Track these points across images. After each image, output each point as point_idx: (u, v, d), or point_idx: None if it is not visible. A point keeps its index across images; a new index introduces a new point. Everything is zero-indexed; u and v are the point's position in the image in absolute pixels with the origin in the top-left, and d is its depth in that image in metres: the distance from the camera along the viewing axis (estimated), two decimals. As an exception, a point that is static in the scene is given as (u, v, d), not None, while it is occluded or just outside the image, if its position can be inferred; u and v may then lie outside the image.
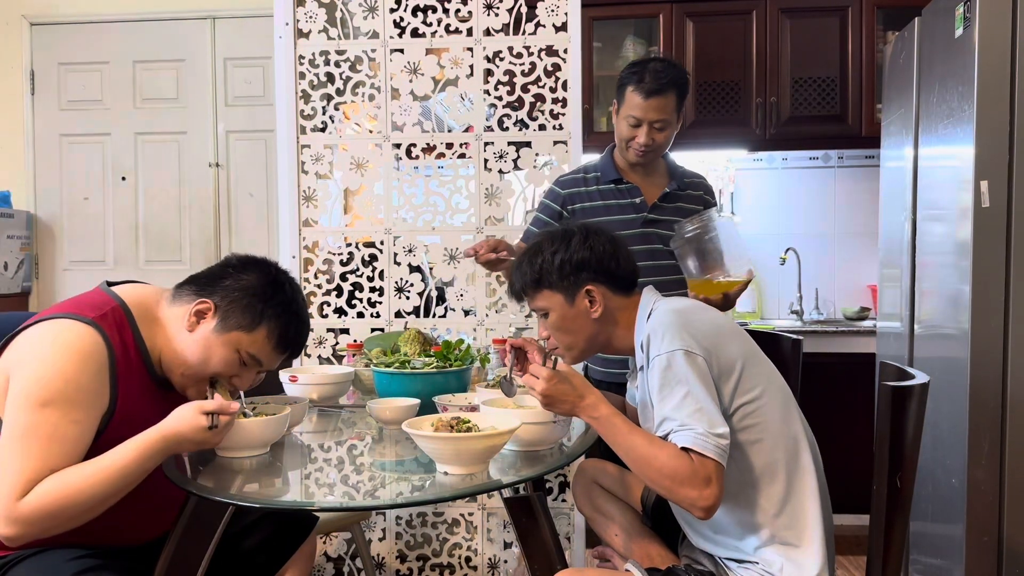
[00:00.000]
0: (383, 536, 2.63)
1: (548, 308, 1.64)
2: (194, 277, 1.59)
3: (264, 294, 1.55)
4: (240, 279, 1.55)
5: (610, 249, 1.62)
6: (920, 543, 2.49)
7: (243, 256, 1.62)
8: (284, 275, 1.61)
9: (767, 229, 3.85)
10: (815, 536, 1.48)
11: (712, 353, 1.47)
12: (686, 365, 1.43)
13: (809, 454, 1.53)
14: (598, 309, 1.61)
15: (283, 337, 1.57)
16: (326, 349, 2.66)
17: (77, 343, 1.41)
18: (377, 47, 2.62)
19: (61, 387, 1.37)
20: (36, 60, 3.94)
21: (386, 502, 1.55)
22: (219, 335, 1.52)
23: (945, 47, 2.30)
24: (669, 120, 2.18)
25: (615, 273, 1.62)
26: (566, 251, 1.61)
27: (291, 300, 1.58)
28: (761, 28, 3.46)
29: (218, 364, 1.53)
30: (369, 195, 2.67)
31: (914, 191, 2.55)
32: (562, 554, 1.61)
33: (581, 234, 1.64)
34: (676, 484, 1.37)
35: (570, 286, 1.60)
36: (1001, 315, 2.10)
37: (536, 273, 1.63)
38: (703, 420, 1.38)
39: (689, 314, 1.54)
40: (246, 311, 1.53)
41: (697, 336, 1.47)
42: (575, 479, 2.05)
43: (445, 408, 1.78)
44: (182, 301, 1.56)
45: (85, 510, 1.36)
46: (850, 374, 3.25)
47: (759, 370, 1.53)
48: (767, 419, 1.50)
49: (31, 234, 3.92)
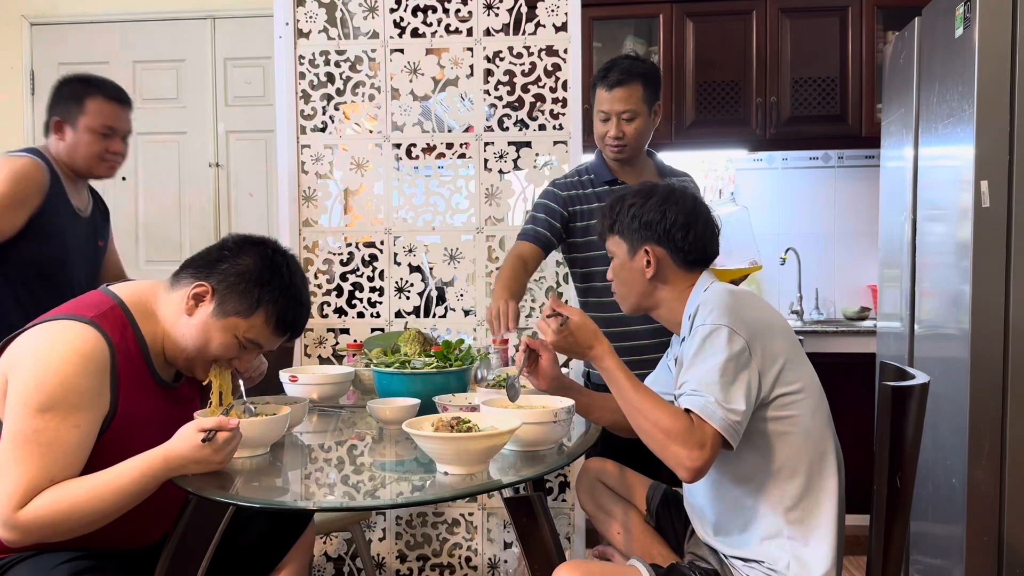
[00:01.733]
0: (383, 536, 2.63)
1: (614, 253, 1.73)
2: (192, 260, 1.58)
3: (261, 278, 1.52)
4: (237, 263, 1.53)
5: (681, 220, 1.65)
6: (920, 543, 2.49)
7: (240, 237, 1.59)
8: (282, 255, 1.58)
9: (767, 229, 3.85)
10: (826, 537, 1.48)
11: (756, 340, 1.48)
12: (726, 342, 1.45)
13: (834, 458, 1.54)
14: (652, 270, 1.66)
15: (281, 321, 1.55)
16: (326, 349, 2.66)
17: (77, 344, 1.40)
18: (377, 47, 2.62)
19: (60, 392, 1.36)
20: (36, 60, 3.93)
21: (386, 502, 1.55)
22: (217, 320, 1.51)
23: (945, 47, 2.30)
24: (636, 110, 2.21)
25: (679, 245, 1.65)
26: (641, 207, 1.67)
27: (289, 283, 1.56)
28: (761, 28, 3.46)
29: (217, 348, 1.53)
30: (369, 195, 2.67)
31: (914, 191, 2.55)
32: (562, 554, 1.61)
33: (661, 196, 1.68)
34: (668, 439, 1.40)
35: (634, 241, 1.67)
36: (1001, 315, 2.10)
37: (612, 218, 1.71)
38: (719, 392, 1.41)
39: (743, 299, 1.56)
40: (243, 296, 1.51)
41: (746, 320, 1.49)
42: (579, 478, 2.05)
43: (445, 408, 1.78)
44: (180, 285, 1.54)
45: (84, 524, 1.36)
46: (850, 374, 3.25)
47: (801, 369, 1.54)
48: (801, 415, 1.51)
49: (31, 234, 3.92)
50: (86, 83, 2.24)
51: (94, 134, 2.20)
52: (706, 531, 1.62)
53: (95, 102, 2.21)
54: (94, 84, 2.24)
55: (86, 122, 2.19)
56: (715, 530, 1.59)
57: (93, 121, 2.20)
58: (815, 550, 1.47)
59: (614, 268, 1.73)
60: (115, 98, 2.25)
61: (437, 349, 2.07)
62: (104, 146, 2.22)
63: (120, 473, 1.37)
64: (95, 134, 2.20)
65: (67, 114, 2.21)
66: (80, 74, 2.29)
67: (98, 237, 2.37)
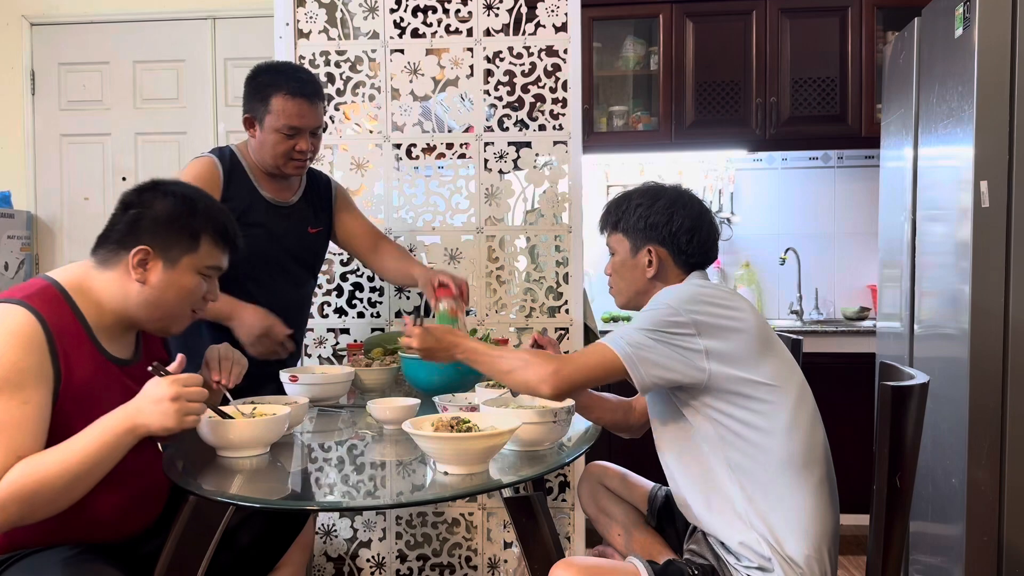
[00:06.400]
0: (383, 536, 2.63)
1: (615, 249, 1.76)
2: (105, 237, 1.56)
3: (183, 210, 1.55)
4: (153, 213, 1.54)
5: (688, 224, 1.69)
6: (920, 543, 2.49)
7: (132, 193, 1.59)
8: (176, 183, 1.62)
9: (767, 229, 3.85)
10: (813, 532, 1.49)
11: (705, 333, 1.51)
12: (665, 316, 1.51)
13: (821, 452, 1.55)
14: (653, 270, 1.69)
15: (224, 235, 1.59)
16: (326, 349, 2.66)
17: (8, 325, 1.39)
18: (377, 47, 2.62)
19: (1, 374, 1.36)
20: (36, 60, 3.94)
21: (386, 502, 1.55)
22: (172, 269, 1.53)
23: (945, 47, 2.30)
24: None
25: (683, 248, 1.69)
26: (648, 208, 1.71)
27: (206, 201, 1.60)
28: (761, 28, 3.46)
29: (188, 294, 1.55)
30: (369, 195, 2.67)
31: (914, 191, 2.55)
32: (562, 554, 1.62)
33: (669, 199, 1.71)
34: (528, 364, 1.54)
35: (638, 240, 1.71)
36: (1001, 315, 2.10)
37: (617, 216, 1.75)
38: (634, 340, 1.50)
39: (706, 295, 1.58)
40: (180, 234, 1.54)
41: (697, 313, 1.52)
42: (581, 480, 2.05)
43: (445, 408, 1.78)
44: (110, 263, 1.53)
45: (58, 494, 1.35)
46: (850, 374, 3.25)
47: (775, 366, 1.55)
48: (778, 411, 1.52)
49: (31, 234, 3.92)
50: (273, 75, 2.11)
51: (279, 134, 2.09)
52: (691, 517, 1.64)
53: (279, 99, 2.07)
54: (280, 78, 2.10)
55: (271, 121, 2.08)
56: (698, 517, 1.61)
57: (277, 121, 2.08)
58: (796, 546, 1.48)
59: (614, 264, 1.76)
60: (301, 94, 2.09)
61: None
62: (290, 145, 2.10)
63: (84, 437, 1.38)
64: (280, 134, 2.09)
65: (255, 111, 2.12)
66: (270, 64, 2.16)
67: (307, 224, 2.27)
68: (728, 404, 1.52)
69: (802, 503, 1.50)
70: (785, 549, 1.48)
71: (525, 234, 2.65)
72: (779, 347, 1.61)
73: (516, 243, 2.70)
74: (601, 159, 3.84)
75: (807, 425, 1.55)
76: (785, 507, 1.50)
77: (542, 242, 2.62)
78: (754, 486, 1.51)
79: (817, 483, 1.53)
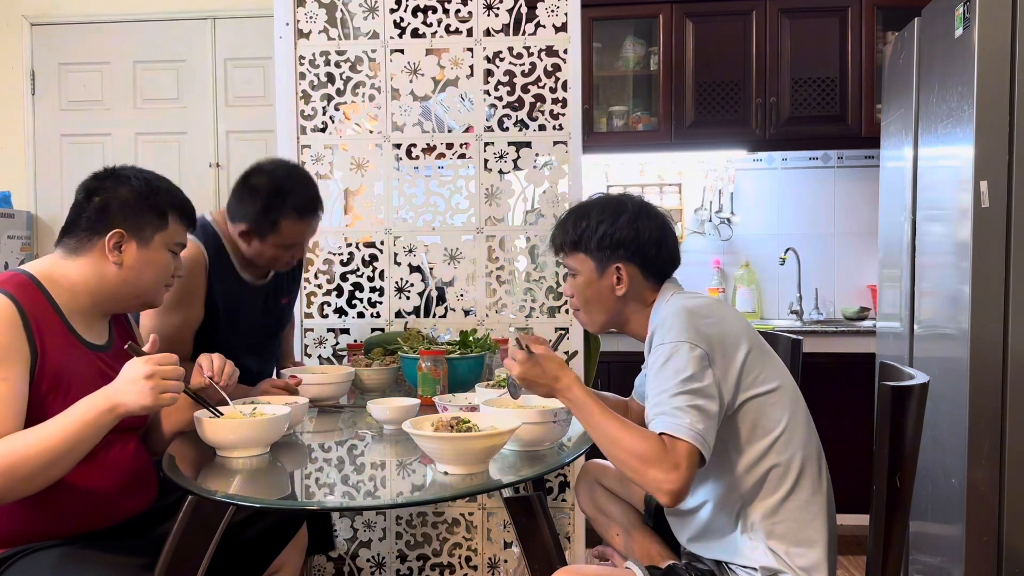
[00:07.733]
0: (383, 536, 2.63)
1: (578, 270, 1.67)
2: (71, 226, 1.59)
3: (147, 191, 1.61)
4: (119, 196, 1.58)
5: (655, 236, 1.62)
6: (920, 543, 2.49)
7: (92, 181, 1.62)
8: (131, 168, 1.66)
9: (767, 229, 3.85)
10: (818, 540, 1.48)
11: (716, 351, 1.47)
12: (687, 358, 1.43)
13: (815, 457, 1.54)
14: (623, 288, 1.62)
15: (184, 210, 1.67)
16: (326, 349, 2.66)
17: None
18: (377, 47, 2.62)
19: None
20: (36, 60, 3.93)
21: (386, 502, 1.55)
22: (146, 248, 1.59)
23: (945, 47, 2.30)
24: None
25: (652, 259, 1.63)
26: (611, 224, 1.62)
27: (165, 181, 1.67)
28: (761, 28, 3.46)
29: (163, 269, 1.62)
30: (369, 195, 2.67)
31: (914, 191, 2.55)
32: (562, 554, 1.61)
33: (632, 213, 1.63)
34: (644, 464, 1.36)
35: (603, 258, 1.62)
36: (1001, 315, 2.10)
37: (577, 235, 1.65)
38: (686, 408, 1.39)
39: (700, 312, 1.53)
40: (149, 214, 1.60)
41: (704, 334, 1.47)
42: (578, 480, 2.05)
43: (445, 408, 1.78)
44: (81, 250, 1.56)
45: (38, 472, 1.36)
46: (850, 374, 3.25)
47: (768, 371, 1.53)
48: (774, 418, 1.51)
49: (31, 234, 3.92)
50: (281, 199, 1.99)
51: (281, 248, 2.05)
52: (691, 545, 1.61)
53: (289, 222, 2.01)
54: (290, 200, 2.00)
55: (276, 240, 2.02)
56: (697, 542, 1.59)
57: (283, 240, 2.03)
58: (806, 554, 1.48)
59: (577, 286, 1.67)
60: (312, 212, 2.06)
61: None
62: (289, 254, 2.09)
63: (64, 417, 1.40)
64: (281, 248, 2.05)
65: (260, 232, 2.02)
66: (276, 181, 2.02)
67: (280, 296, 2.26)
68: (733, 425, 1.50)
69: (803, 504, 1.50)
70: (794, 560, 1.47)
71: (525, 234, 2.65)
72: (768, 348, 1.60)
73: (516, 243, 2.70)
74: (601, 159, 3.84)
75: (804, 425, 1.55)
76: (787, 511, 1.49)
77: (542, 242, 2.62)
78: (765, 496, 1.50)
79: (816, 484, 1.53)
